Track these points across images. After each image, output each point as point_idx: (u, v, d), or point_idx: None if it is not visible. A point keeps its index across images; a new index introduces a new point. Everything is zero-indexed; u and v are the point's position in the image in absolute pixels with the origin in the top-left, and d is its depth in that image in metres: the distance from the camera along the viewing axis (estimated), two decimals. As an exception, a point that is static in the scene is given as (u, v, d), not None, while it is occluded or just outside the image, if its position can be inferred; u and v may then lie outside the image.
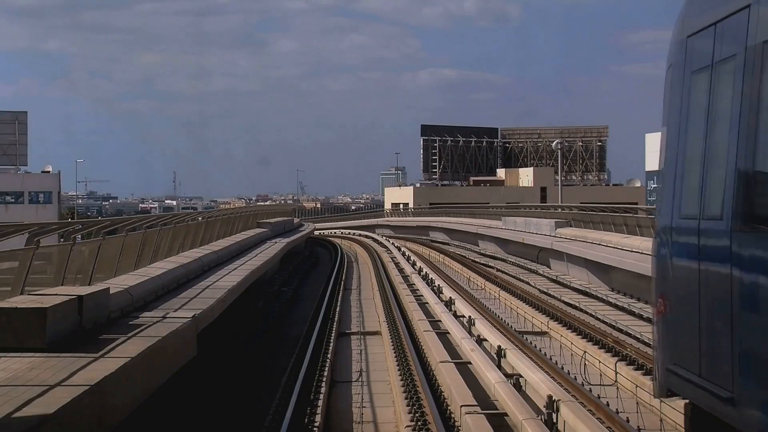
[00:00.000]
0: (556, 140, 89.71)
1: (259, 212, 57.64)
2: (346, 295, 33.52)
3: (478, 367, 17.35)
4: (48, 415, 8.79)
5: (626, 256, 30.39)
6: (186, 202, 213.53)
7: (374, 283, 37.26)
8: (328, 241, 75.05)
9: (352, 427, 14.98)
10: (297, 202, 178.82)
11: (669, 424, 15.32)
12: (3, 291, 14.38)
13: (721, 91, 7.89)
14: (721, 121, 7.86)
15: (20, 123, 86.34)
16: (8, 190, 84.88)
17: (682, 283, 8.47)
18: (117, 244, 19.81)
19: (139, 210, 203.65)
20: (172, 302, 18.27)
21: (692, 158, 8.46)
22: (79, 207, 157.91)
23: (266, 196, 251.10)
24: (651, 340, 12.87)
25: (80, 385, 10.00)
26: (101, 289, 14.92)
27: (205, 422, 15.44)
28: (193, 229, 30.22)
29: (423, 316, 24.35)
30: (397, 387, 16.62)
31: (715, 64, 8.04)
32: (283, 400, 15.70)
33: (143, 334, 13.70)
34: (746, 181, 7.21)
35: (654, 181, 63.62)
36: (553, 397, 13.75)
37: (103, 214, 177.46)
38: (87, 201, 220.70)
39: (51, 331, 12.08)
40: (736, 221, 7.28)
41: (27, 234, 15.34)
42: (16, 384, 10.04)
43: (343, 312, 28.05)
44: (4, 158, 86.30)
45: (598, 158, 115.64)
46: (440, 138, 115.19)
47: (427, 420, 13.94)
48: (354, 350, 21.61)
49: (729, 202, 7.44)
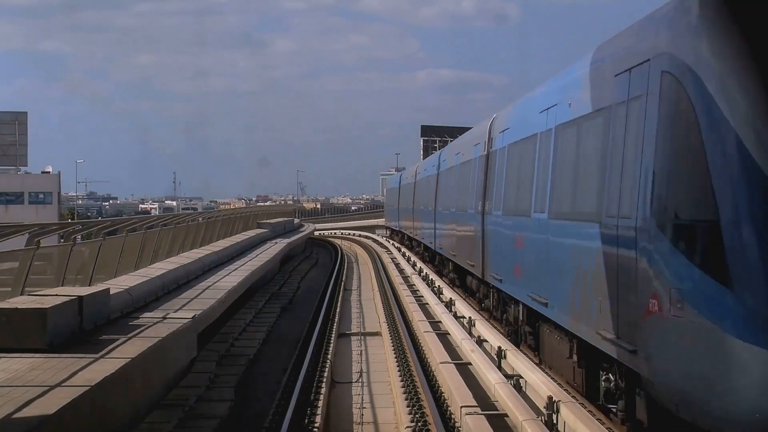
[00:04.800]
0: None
1: (259, 213, 57.69)
2: (346, 296, 33.51)
3: (478, 368, 17.33)
4: (48, 415, 8.79)
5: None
6: (186, 203, 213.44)
7: (374, 284, 37.25)
8: (328, 242, 75.09)
9: (352, 428, 14.98)
10: (297, 202, 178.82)
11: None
12: (3, 291, 14.39)
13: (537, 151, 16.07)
14: (527, 165, 16.92)
15: (20, 123, 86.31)
16: (8, 190, 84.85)
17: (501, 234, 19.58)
18: (117, 244, 19.82)
19: (139, 210, 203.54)
20: (172, 303, 18.28)
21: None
22: (79, 207, 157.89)
23: (266, 197, 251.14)
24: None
25: (80, 386, 10.00)
26: (101, 290, 14.93)
27: (205, 422, 15.42)
28: (193, 230, 30.24)
29: (423, 316, 24.32)
30: (397, 388, 16.62)
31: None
32: (283, 401, 15.70)
33: (143, 335, 13.70)
34: (547, 194, 14.89)
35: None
36: (553, 397, 13.74)
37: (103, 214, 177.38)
38: (87, 201, 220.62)
39: (51, 331, 12.08)
40: (550, 214, 14.70)
41: (27, 234, 15.35)
42: (16, 384, 10.05)
43: (343, 312, 28.05)
44: (4, 158, 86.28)
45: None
46: (440, 138, 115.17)
47: (428, 421, 13.94)
48: (354, 351, 21.60)
49: (546, 205, 14.96)
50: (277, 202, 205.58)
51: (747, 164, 8.22)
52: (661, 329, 9.11)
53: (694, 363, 8.66)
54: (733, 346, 8.12)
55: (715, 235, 8.39)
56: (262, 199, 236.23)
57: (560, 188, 14.09)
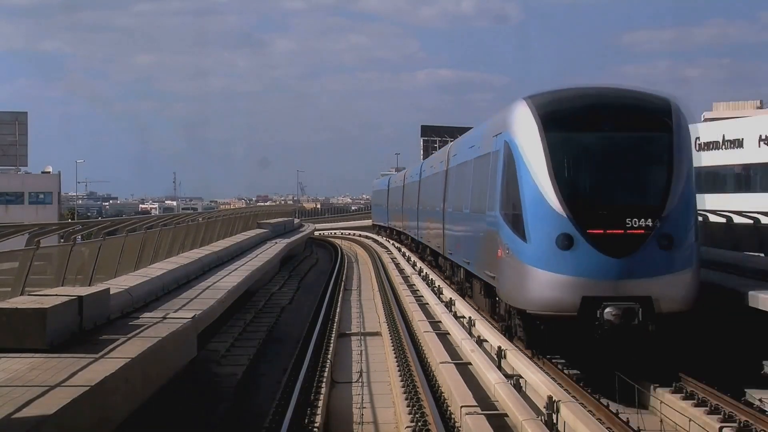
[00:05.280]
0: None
1: (259, 213, 57.68)
2: (346, 296, 33.51)
3: (478, 368, 17.34)
4: (48, 415, 8.79)
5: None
6: (186, 203, 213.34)
7: (374, 284, 37.25)
8: (328, 242, 75.11)
9: (352, 428, 14.98)
10: (297, 202, 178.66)
11: (669, 425, 15.33)
12: (3, 291, 14.38)
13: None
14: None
15: (20, 123, 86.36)
16: (8, 190, 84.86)
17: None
18: (117, 244, 19.82)
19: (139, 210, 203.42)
20: (172, 303, 18.28)
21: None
22: (79, 207, 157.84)
23: (266, 197, 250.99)
24: None
25: (80, 386, 10.00)
26: (101, 290, 14.93)
27: (205, 422, 15.45)
28: (193, 230, 30.24)
29: (423, 316, 24.33)
30: (397, 388, 16.62)
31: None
32: (283, 401, 15.70)
33: (143, 335, 13.70)
34: (469, 198, 24.55)
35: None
36: (553, 397, 13.75)
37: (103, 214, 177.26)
38: (87, 201, 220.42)
39: (51, 331, 12.08)
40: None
41: (27, 234, 15.34)
42: (16, 384, 10.05)
43: (343, 312, 28.05)
44: (4, 158, 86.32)
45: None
46: (440, 138, 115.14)
47: (428, 421, 13.94)
48: (354, 351, 21.60)
49: (469, 204, 24.55)
50: (277, 202, 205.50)
51: (532, 186, 17.23)
52: (501, 264, 18.55)
53: (512, 277, 17.94)
54: (528, 269, 17.13)
55: (521, 220, 17.36)
56: (262, 199, 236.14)
57: (474, 194, 23.34)
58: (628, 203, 17.09)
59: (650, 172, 17.71)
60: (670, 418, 15.50)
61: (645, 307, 16.48)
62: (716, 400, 15.26)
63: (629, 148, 17.75)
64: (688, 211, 17.30)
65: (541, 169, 17.12)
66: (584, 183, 17.64)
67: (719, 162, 51.47)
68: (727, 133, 51.57)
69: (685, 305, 16.97)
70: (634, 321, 16.45)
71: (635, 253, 16.57)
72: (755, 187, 49.10)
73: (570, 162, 17.46)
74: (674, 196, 16.98)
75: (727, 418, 14.37)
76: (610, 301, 16.45)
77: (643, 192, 17.55)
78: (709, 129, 54.17)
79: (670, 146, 17.41)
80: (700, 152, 54.05)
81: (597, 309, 16.44)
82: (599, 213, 16.82)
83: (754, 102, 73.23)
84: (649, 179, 17.66)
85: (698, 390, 15.93)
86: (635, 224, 16.66)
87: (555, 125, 17.58)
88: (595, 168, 17.65)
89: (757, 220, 24.12)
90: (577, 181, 17.50)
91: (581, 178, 17.65)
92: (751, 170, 49.99)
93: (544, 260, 16.83)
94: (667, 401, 15.80)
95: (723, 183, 52.28)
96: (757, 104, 72.22)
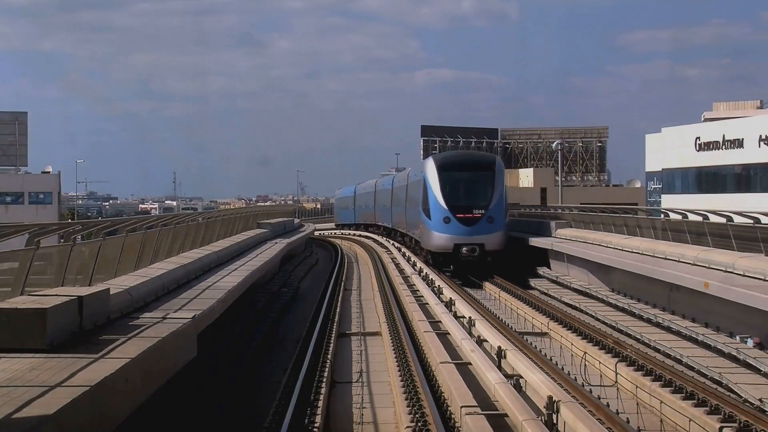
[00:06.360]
0: (556, 141, 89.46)
1: (259, 213, 57.68)
2: (346, 296, 33.53)
3: (478, 368, 17.35)
4: (48, 415, 8.79)
5: (626, 257, 30.41)
6: (186, 203, 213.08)
7: (374, 284, 37.27)
8: (328, 242, 75.09)
9: (352, 428, 14.98)
10: (297, 202, 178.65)
11: (669, 425, 15.33)
12: (3, 291, 14.36)
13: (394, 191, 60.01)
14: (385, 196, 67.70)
15: (20, 123, 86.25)
16: (8, 190, 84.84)
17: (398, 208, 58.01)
18: (117, 244, 19.80)
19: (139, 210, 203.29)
20: (172, 303, 18.27)
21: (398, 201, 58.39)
22: (80, 207, 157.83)
23: (266, 197, 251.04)
24: None
25: (80, 386, 10.00)
26: (101, 290, 14.92)
27: (205, 423, 15.45)
28: (193, 230, 30.21)
29: (423, 316, 24.35)
30: (397, 388, 16.62)
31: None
32: (284, 401, 15.70)
33: (143, 335, 13.69)
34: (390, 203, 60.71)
35: (654, 181, 63.64)
36: (553, 397, 13.75)
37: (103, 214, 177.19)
38: (87, 201, 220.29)
39: (51, 331, 12.08)
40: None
41: (27, 234, 15.31)
42: (16, 384, 10.05)
43: (343, 312, 28.06)
44: (4, 159, 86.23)
45: (598, 159, 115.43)
46: (440, 138, 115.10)
47: (428, 421, 13.94)
48: (354, 351, 21.61)
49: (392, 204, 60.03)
50: (277, 202, 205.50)
51: (434, 196, 40.31)
52: (422, 230, 42.33)
53: (425, 236, 41.36)
54: (432, 232, 40.24)
55: (429, 211, 40.43)
56: (262, 199, 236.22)
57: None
58: (473, 203, 39.58)
59: (483, 189, 40.05)
60: (670, 418, 15.50)
61: (481, 249, 38.77)
62: (716, 400, 15.27)
63: (475, 179, 40.62)
64: (500, 207, 39.69)
65: (437, 188, 40.09)
66: (455, 194, 39.90)
67: (719, 162, 51.49)
68: (727, 133, 51.62)
69: (499, 247, 39.38)
70: (476, 254, 38.79)
71: (476, 224, 39.07)
72: (755, 187, 49.14)
73: (449, 185, 40.14)
74: (494, 200, 39.59)
75: (727, 418, 14.37)
76: (465, 246, 38.89)
77: (480, 198, 39.75)
78: (709, 129, 54.22)
79: (492, 178, 40.23)
80: (699, 152, 54.12)
81: (460, 249, 38.92)
82: (461, 206, 39.40)
83: (754, 102, 73.24)
84: (483, 192, 39.95)
85: (698, 390, 15.94)
86: (476, 213, 39.19)
87: (444, 169, 40.92)
88: (460, 187, 40.31)
89: (758, 219, 24.15)
90: (452, 193, 39.92)
91: (454, 192, 40.00)
92: (751, 170, 50.04)
93: (438, 228, 39.65)
94: (668, 401, 15.80)
95: (723, 183, 52.30)
96: (758, 104, 72.23)
